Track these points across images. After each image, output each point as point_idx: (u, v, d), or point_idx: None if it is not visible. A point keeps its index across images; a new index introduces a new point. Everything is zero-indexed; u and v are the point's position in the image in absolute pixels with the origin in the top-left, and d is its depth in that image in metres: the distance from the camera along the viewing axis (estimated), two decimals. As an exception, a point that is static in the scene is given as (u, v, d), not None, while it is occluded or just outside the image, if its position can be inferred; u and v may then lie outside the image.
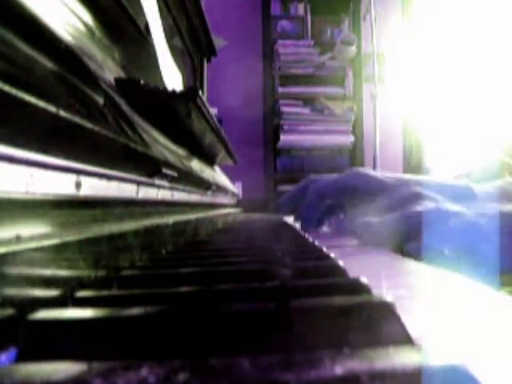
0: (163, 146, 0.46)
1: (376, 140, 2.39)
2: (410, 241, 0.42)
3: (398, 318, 0.15)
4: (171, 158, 0.44)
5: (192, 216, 0.59)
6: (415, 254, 0.41)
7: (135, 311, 0.16)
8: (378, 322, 0.15)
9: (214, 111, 1.93)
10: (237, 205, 1.37)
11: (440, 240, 0.40)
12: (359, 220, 0.50)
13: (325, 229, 0.62)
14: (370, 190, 0.53)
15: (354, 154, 2.73)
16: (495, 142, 1.80)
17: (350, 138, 2.70)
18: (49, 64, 0.22)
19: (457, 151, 2.37)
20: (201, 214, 0.66)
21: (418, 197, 0.46)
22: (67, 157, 0.22)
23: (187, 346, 0.14)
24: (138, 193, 0.35)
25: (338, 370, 0.11)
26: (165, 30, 0.64)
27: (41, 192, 0.19)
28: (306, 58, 2.69)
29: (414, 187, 0.48)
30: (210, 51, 1.25)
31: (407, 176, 0.56)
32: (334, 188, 0.58)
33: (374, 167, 2.28)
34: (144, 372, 0.11)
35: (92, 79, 0.30)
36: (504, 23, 2.19)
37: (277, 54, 2.68)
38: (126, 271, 0.28)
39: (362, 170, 0.57)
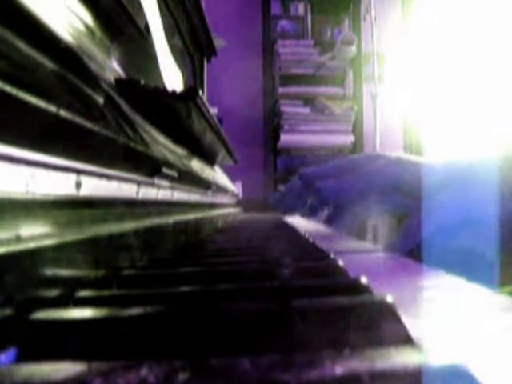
0: (163, 145, 0.46)
1: (376, 140, 2.39)
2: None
3: (398, 318, 0.15)
4: (171, 158, 0.44)
5: (192, 216, 0.59)
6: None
7: (135, 311, 0.16)
8: (378, 322, 0.15)
9: (214, 111, 1.93)
10: (237, 204, 1.37)
11: None
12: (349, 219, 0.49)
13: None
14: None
15: (354, 154, 2.73)
16: (495, 140, 1.80)
17: (350, 138, 2.70)
18: (49, 64, 0.22)
19: (457, 151, 2.37)
20: (201, 214, 0.66)
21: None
22: (67, 157, 0.22)
23: (187, 345, 0.14)
24: (138, 193, 0.35)
25: (339, 370, 0.11)
26: (165, 29, 0.64)
27: (41, 192, 0.19)
28: (306, 57, 2.69)
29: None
30: (210, 51, 1.25)
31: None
32: (321, 174, 0.55)
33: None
34: (144, 372, 0.11)
35: (92, 79, 0.30)
36: (504, 22, 2.19)
37: (277, 54, 2.68)
38: (126, 271, 0.28)
39: (347, 158, 0.55)
